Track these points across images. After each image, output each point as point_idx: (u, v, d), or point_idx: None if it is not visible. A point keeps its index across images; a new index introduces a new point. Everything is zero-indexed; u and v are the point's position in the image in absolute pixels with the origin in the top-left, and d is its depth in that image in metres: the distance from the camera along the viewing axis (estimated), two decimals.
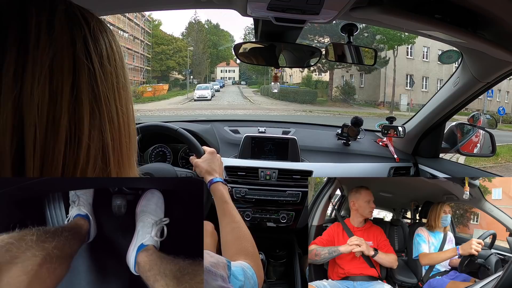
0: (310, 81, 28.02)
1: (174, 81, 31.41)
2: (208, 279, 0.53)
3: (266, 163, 1.65)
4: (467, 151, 1.63)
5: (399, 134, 1.76)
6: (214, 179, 1.03)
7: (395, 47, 20.22)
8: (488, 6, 0.87)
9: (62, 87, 0.37)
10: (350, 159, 1.78)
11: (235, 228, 0.86)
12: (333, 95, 24.44)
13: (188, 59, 31.41)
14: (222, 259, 0.61)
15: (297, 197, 1.60)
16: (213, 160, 1.12)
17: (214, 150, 1.18)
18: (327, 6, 0.87)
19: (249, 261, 0.73)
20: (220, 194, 0.98)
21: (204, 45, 34.30)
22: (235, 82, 37.72)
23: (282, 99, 24.04)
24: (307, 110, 20.32)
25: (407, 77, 21.17)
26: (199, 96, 23.37)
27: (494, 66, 1.21)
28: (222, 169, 1.15)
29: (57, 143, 0.37)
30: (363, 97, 23.19)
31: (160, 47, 30.63)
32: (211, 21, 40.32)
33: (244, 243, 0.81)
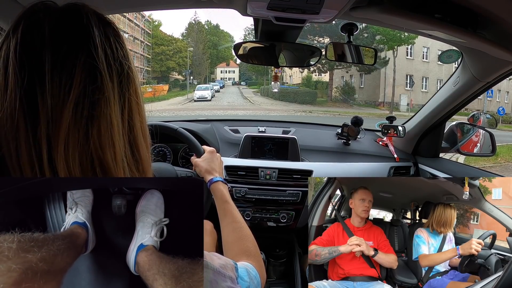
0: (310, 81, 27.82)
1: (174, 81, 31.27)
2: (218, 280, 0.53)
3: (266, 163, 1.65)
4: (467, 150, 1.63)
5: (399, 134, 1.76)
6: (214, 178, 1.03)
7: (395, 48, 20.16)
8: (488, 5, 0.87)
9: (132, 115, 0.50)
10: (350, 158, 1.78)
11: (237, 228, 0.85)
12: (333, 96, 24.33)
13: (188, 60, 31.27)
14: (229, 261, 0.61)
15: (297, 197, 1.60)
16: (212, 159, 1.12)
17: (214, 149, 1.17)
18: (327, 6, 0.87)
19: (252, 261, 0.73)
20: (220, 193, 0.97)
21: (204, 45, 34.11)
22: (235, 82, 37.54)
23: (282, 99, 23.87)
24: (307, 111, 20.16)
25: (407, 78, 21.09)
26: (199, 97, 23.19)
27: (494, 66, 1.21)
28: (222, 168, 1.14)
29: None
30: (363, 97, 23.04)
31: (160, 48, 30.49)
32: (211, 21, 40.30)
33: (246, 243, 0.81)
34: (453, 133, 1.68)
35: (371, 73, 21.69)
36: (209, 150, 1.16)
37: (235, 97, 27.13)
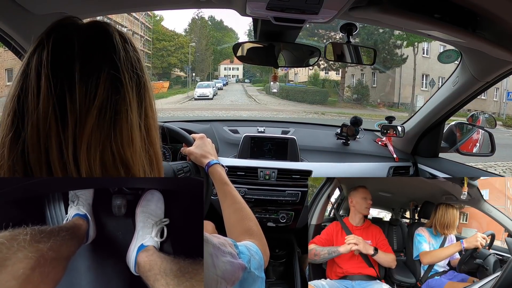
0: (317, 79, 26.16)
1: (175, 78, 30.55)
2: (218, 254, 0.55)
3: (266, 163, 1.65)
4: (466, 150, 1.63)
5: (399, 134, 1.76)
6: (211, 161, 1.04)
7: (416, 44, 18.36)
8: (487, 5, 0.88)
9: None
10: (350, 158, 1.78)
11: (238, 209, 0.87)
12: (345, 95, 22.63)
13: (190, 56, 30.42)
14: (228, 239, 0.62)
15: (297, 197, 1.60)
16: (205, 143, 1.12)
17: (203, 134, 1.17)
18: (327, 6, 0.87)
19: (255, 240, 0.74)
20: (219, 175, 0.99)
21: (207, 41, 33.27)
22: (239, 80, 36.92)
23: (290, 99, 22.83)
24: (319, 112, 18.57)
25: (423, 77, 19.73)
26: (200, 95, 22.25)
27: (493, 66, 1.22)
28: (215, 151, 1.14)
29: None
30: (375, 97, 21.79)
31: (162, 43, 29.80)
32: (215, 17, 39.27)
33: (248, 223, 0.82)
34: (453, 133, 1.68)
35: (386, 71, 20.26)
36: (199, 137, 1.16)
37: (239, 95, 26.04)
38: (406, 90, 19.69)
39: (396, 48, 18.97)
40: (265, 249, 0.76)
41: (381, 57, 18.54)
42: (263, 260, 0.70)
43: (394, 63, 19.08)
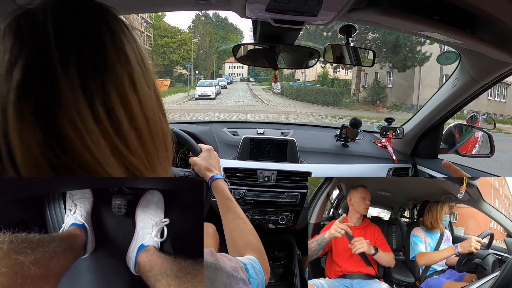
0: (326, 78, 24.62)
1: (178, 76, 29.57)
2: (231, 283, 0.53)
3: (265, 165, 1.65)
4: (465, 151, 1.63)
5: (398, 135, 1.76)
6: (215, 176, 1.03)
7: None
8: (486, 7, 0.88)
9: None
10: (349, 160, 1.78)
11: (240, 224, 0.87)
12: (361, 96, 20.48)
13: (193, 53, 29.31)
14: (239, 263, 0.61)
15: (296, 199, 1.60)
16: (210, 156, 1.12)
17: (211, 147, 1.16)
18: (326, 8, 0.87)
19: (256, 255, 0.74)
20: (221, 190, 0.98)
21: (211, 38, 32.10)
22: (244, 78, 36.31)
23: (301, 99, 20.82)
24: (336, 116, 16.05)
25: (443, 78, 16.62)
26: (201, 94, 20.47)
27: (492, 67, 1.22)
28: (220, 166, 1.14)
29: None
30: (391, 99, 20.05)
31: (163, 40, 28.75)
32: (219, 14, 38.07)
33: (250, 238, 0.82)
34: (452, 134, 1.68)
35: (405, 70, 17.75)
36: (206, 148, 1.15)
37: (244, 94, 24.11)
38: (425, 91, 17.59)
39: (419, 45, 16.98)
40: (266, 265, 0.76)
41: (402, 54, 16.74)
42: (264, 278, 0.70)
43: (416, 61, 17.15)
